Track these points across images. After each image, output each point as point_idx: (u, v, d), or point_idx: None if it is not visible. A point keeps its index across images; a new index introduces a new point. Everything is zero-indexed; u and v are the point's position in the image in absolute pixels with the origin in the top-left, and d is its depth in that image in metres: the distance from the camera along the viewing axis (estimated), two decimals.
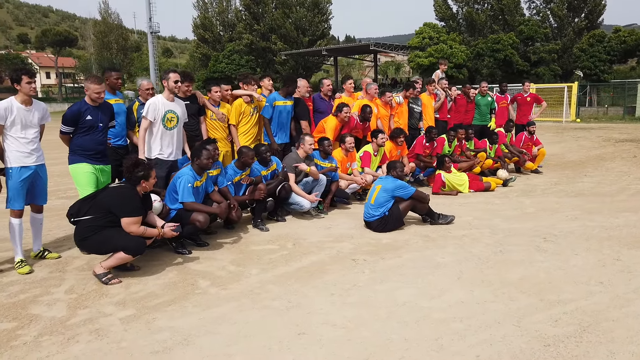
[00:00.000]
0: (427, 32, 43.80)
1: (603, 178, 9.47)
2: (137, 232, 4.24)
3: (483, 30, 44.93)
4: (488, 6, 44.71)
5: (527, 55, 40.98)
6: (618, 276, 4.35)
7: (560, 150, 14.47)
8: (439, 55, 40.71)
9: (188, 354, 3.13)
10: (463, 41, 43.75)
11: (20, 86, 4.58)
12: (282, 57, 48.44)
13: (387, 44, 44.43)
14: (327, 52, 44.43)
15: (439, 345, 3.21)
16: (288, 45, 49.79)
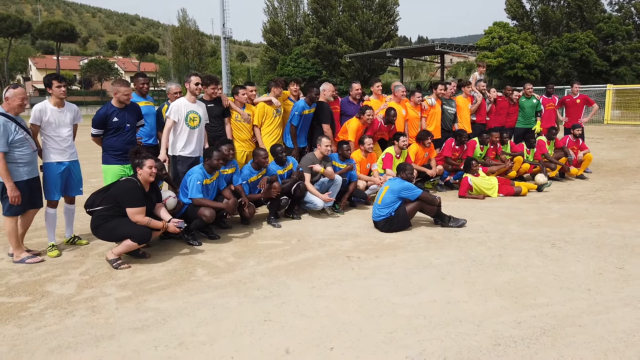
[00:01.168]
0: (497, 31, 42.43)
1: None
2: (142, 222, 4.69)
3: (558, 28, 42.81)
4: (564, 3, 42.47)
5: (606, 54, 38.56)
6: (610, 284, 4.23)
7: (622, 155, 13.68)
8: (508, 56, 39.40)
9: (161, 332, 3.48)
10: (536, 40, 41.93)
11: (51, 90, 5.19)
12: (347, 59, 48.72)
13: (454, 44, 43.42)
14: (391, 54, 44.16)
15: (391, 338, 3.35)
16: (353, 48, 50.04)
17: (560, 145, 9.79)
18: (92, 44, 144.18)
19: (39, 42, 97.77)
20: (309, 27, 53.75)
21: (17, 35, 68.35)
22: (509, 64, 39.81)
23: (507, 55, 39.51)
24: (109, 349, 3.25)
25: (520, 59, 39.39)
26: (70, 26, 72.25)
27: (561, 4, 42.85)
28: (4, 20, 64.59)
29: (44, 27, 70.03)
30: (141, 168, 4.76)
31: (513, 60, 39.67)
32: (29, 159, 4.99)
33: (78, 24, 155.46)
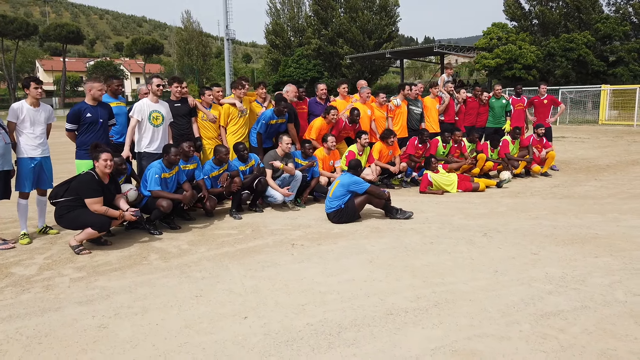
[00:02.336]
0: (496, 32, 42.71)
1: (611, 182, 9.30)
2: (100, 211, 5.16)
3: (556, 29, 42.99)
4: (562, 4, 42.64)
5: (604, 55, 38.73)
6: (518, 267, 4.65)
7: (598, 154, 14.03)
8: (506, 57, 39.67)
9: (102, 305, 3.95)
10: (534, 41, 42.14)
11: (29, 91, 5.70)
12: (348, 60, 49.15)
13: (452, 45, 43.73)
14: (390, 55, 44.53)
15: (302, 309, 3.80)
16: (354, 49, 50.45)
17: (525, 144, 10.18)
18: (100, 46, 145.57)
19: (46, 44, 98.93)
20: (310, 28, 54.22)
21: (24, 37, 69.39)
22: (507, 64, 40.09)
23: (505, 56, 39.80)
24: (52, 318, 3.72)
25: (518, 59, 39.66)
26: (76, 28, 73.22)
27: (559, 5, 43.02)
28: (11, 22, 65.65)
29: (50, 30, 71.06)
30: (97, 161, 5.23)
31: (511, 61, 39.93)
32: (3, 151, 5.49)
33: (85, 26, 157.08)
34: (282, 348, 3.20)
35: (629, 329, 3.37)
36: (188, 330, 3.48)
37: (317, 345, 3.23)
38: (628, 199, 7.74)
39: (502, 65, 40.25)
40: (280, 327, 3.51)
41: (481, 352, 3.10)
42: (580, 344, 3.18)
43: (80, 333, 3.47)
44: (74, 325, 3.59)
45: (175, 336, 3.40)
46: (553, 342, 3.20)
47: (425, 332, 3.38)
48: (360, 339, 3.31)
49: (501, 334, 3.34)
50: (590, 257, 4.91)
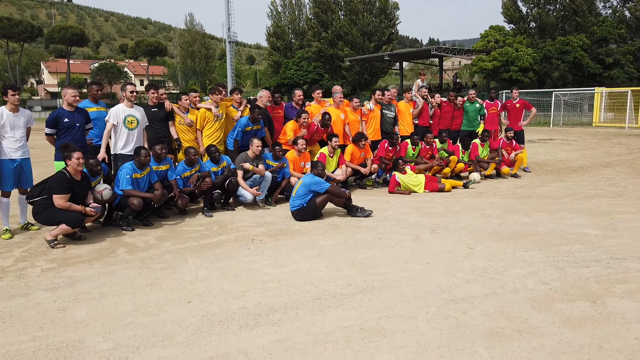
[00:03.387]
0: (493, 35, 43.08)
1: (575, 183, 9.70)
2: (63, 206, 5.61)
3: (554, 32, 43.28)
4: (560, 7, 42.92)
5: (599, 57, 38.97)
6: (450, 260, 5.08)
7: (577, 156, 14.43)
8: (503, 59, 40.00)
9: (65, 292, 4.42)
10: (531, 44, 42.45)
11: (7, 97, 6.18)
12: (347, 63, 49.61)
13: (450, 47, 44.11)
14: (389, 57, 44.95)
15: (241, 294, 4.25)
16: (354, 51, 50.90)
17: (494, 146, 10.59)
18: (105, 48, 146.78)
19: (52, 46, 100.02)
20: (311, 31, 54.73)
21: (29, 39, 70.36)
22: (504, 67, 40.43)
23: (501, 58, 40.15)
24: (19, 302, 4.19)
25: (515, 62, 39.99)
26: (80, 30, 74.08)
27: (557, 8, 43.29)
28: (17, 25, 66.57)
29: (54, 32, 71.96)
30: (70, 160, 5.70)
31: (508, 63, 40.27)
32: None
33: (91, 28, 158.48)
34: (213, 327, 3.65)
35: (524, 312, 3.80)
36: (136, 313, 3.94)
37: (245, 324, 3.68)
38: (583, 199, 8.14)
39: (499, 67, 40.61)
40: (218, 310, 3.96)
41: (385, 329, 3.54)
42: (474, 323, 3.61)
43: (41, 314, 3.94)
44: (36, 308, 4.06)
45: (123, 317, 3.86)
46: (451, 322, 3.64)
47: (344, 314, 3.82)
48: (285, 319, 3.76)
49: (409, 315, 3.77)
50: (520, 251, 5.34)
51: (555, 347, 3.26)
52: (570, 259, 5.04)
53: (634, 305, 3.89)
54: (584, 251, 5.29)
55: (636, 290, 4.20)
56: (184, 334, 3.54)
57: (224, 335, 3.52)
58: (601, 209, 7.37)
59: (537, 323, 3.61)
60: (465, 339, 3.40)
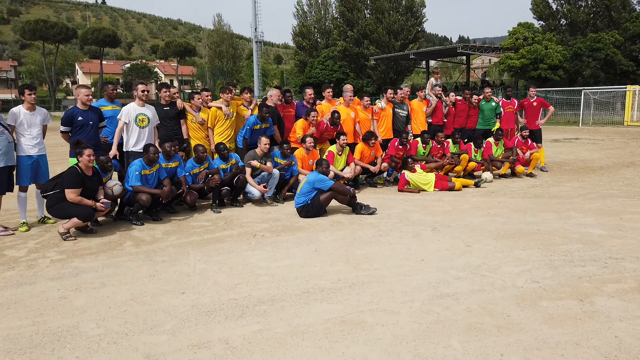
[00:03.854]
0: (521, 32, 42.25)
1: (591, 183, 9.52)
2: (75, 200, 5.87)
3: (585, 28, 42.17)
4: (591, 3, 41.80)
5: (632, 54, 37.81)
6: (445, 257, 5.11)
7: (600, 156, 14.11)
8: (532, 57, 39.20)
9: (69, 281, 4.64)
10: (561, 41, 41.47)
11: (24, 97, 6.49)
12: (372, 62, 49.48)
13: (477, 45, 43.49)
14: (415, 56, 44.61)
15: (234, 286, 4.39)
16: (380, 50, 50.69)
17: (509, 145, 10.47)
18: (137, 49, 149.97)
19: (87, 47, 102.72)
20: (336, 30, 54.75)
21: (63, 41, 72.51)
22: (533, 65, 39.62)
23: (530, 56, 39.34)
24: (25, 290, 4.43)
25: (544, 59, 39.14)
26: (112, 32, 75.96)
27: (588, 4, 42.18)
28: (52, 27, 68.74)
29: (88, 34, 73.98)
30: (81, 156, 5.96)
31: (537, 61, 39.45)
32: (5, 149, 6.29)
33: (124, 29, 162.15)
34: (201, 316, 3.80)
35: (507, 308, 3.82)
36: (131, 302, 4.13)
37: (232, 315, 3.81)
38: (595, 199, 8.00)
39: (527, 65, 39.81)
40: (208, 300, 4.11)
41: (365, 322, 3.62)
42: (455, 319, 3.65)
43: (43, 302, 4.16)
44: (40, 296, 4.29)
45: (119, 306, 4.05)
46: (432, 316, 3.70)
47: (328, 307, 3.92)
48: (270, 311, 3.88)
49: (392, 309, 3.85)
50: (518, 249, 5.32)
51: (531, 343, 3.28)
52: (567, 258, 5.01)
53: (621, 305, 3.87)
54: (583, 250, 5.24)
55: (627, 289, 4.17)
56: (172, 322, 3.70)
57: (209, 324, 3.66)
58: (612, 208, 7.24)
59: (518, 320, 3.63)
60: (443, 333, 3.45)
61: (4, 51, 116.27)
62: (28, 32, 69.30)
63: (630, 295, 4.04)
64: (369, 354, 3.19)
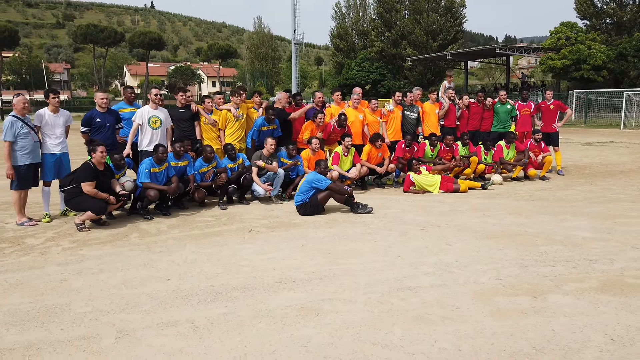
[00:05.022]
0: (564, 31, 41.11)
1: (605, 187, 9.44)
2: (91, 192, 6.44)
3: (632, 28, 40.62)
4: (638, 1, 40.22)
5: None
6: (420, 254, 5.34)
7: (625, 160, 13.81)
8: (574, 57, 38.12)
9: (73, 267, 5.17)
10: (606, 41, 40.09)
11: (49, 100, 7.15)
12: (409, 63, 49.29)
13: (516, 45, 42.61)
14: (452, 57, 44.16)
15: (215, 276, 4.79)
16: (417, 51, 50.45)
17: (522, 148, 10.47)
18: (182, 51, 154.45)
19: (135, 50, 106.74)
20: (373, 31, 54.87)
21: (112, 44, 75.76)
22: (575, 65, 38.52)
23: (572, 56, 38.27)
24: (33, 273, 4.98)
25: (587, 60, 37.98)
26: (158, 35, 78.69)
27: (635, 2, 40.60)
28: (102, 31, 72.01)
29: (135, 37, 76.92)
30: (95, 152, 6.54)
31: (579, 61, 38.32)
32: (32, 148, 6.95)
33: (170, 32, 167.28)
34: (177, 299, 4.22)
35: (459, 302, 4.05)
36: (121, 286, 4.59)
37: (204, 299, 4.21)
38: (599, 203, 7.98)
39: (569, 66, 38.75)
40: (189, 287, 4.53)
41: (322, 309, 3.94)
42: (406, 309, 3.92)
43: (46, 283, 4.69)
44: (45, 279, 4.82)
45: (109, 289, 4.52)
46: (386, 306, 3.97)
47: (294, 295, 4.26)
48: (240, 297, 4.25)
49: (351, 298, 4.15)
50: (495, 249, 5.49)
51: (467, 333, 3.52)
52: (541, 258, 5.15)
53: (572, 302, 4.02)
54: (560, 252, 5.36)
55: (586, 289, 4.30)
56: (150, 304, 4.13)
57: (182, 306, 4.07)
58: (611, 212, 7.23)
59: (465, 312, 3.86)
60: (389, 321, 3.73)
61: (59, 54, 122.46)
62: (80, 36, 72.90)
63: (587, 294, 4.18)
64: (314, 335, 3.51)
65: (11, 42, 68.29)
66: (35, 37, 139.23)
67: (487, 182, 9.38)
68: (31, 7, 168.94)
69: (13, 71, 74.92)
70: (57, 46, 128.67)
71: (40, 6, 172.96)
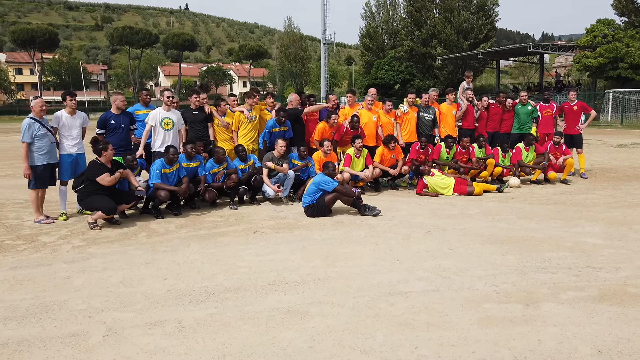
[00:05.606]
0: (600, 29, 39.83)
1: (628, 192, 9.12)
2: (110, 181, 6.66)
3: None
4: None
5: None
6: (421, 259, 5.29)
7: None
8: (611, 55, 36.88)
9: (78, 265, 5.33)
10: None
11: (66, 102, 7.39)
12: (438, 62, 48.67)
13: (550, 44, 41.49)
14: (482, 56, 43.36)
15: (211, 276, 4.87)
16: (448, 50, 49.75)
17: (541, 151, 10.22)
18: (215, 52, 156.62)
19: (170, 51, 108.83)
20: (403, 30, 54.39)
21: (147, 46, 77.49)
22: (612, 64, 37.26)
23: (608, 55, 37.03)
24: (40, 270, 5.16)
25: (624, 58, 36.69)
26: (190, 37, 80.00)
27: None
28: (137, 33, 73.74)
29: (168, 39, 78.51)
30: (106, 151, 6.75)
31: (617, 60, 37.06)
32: (49, 149, 7.20)
33: (204, 33, 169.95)
34: (170, 299, 4.31)
35: (449, 308, 4.00)
36: (120, 284, 4.72)
37: (196, 300, 4.29)
38: (618, 208, 7.72)
39: (606, 64, 37.51)
40: (184, 287, 4.62)
41: (308, 312, 3.96)
42: (393, 314, 3.90)
43: (50, 280, 4.86)
44: (50, 276, 5.00)
45: (108, 287, 4.65)
46: (373, 311, 3.96)
47: (284, 297, 4.29)
48: (231, 298, 4.31)
49: (340, 302, 4.15)
50: (498, 255, 5.39)
51: (450, 340, 3.48)
52: (543, 265, 5.03)
53: (566, 311, 3.92)
54: (566, 259, 5.22)
55: (584, 297, 4.19)
56: (143, 303, 4.23)
57: (173, 306, 4.16)
58: (628, 218, 6.99)
59: (452, 319, 3.82)
60: (373, 326, 3.72)
61: (97, 56, 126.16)
62: (116, 38, 74.80)
63: (582, 303, 4.07)
64: (295, 339, 3.54)
65: (51, 44, 70.63)
66: (75, 39, 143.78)
67: (503, 184, 9.19)
68: (72, 10, 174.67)
69: (53, 72, 77.55)
70: (95, 48, 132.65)
71: (81, 9, 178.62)
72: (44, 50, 69.80)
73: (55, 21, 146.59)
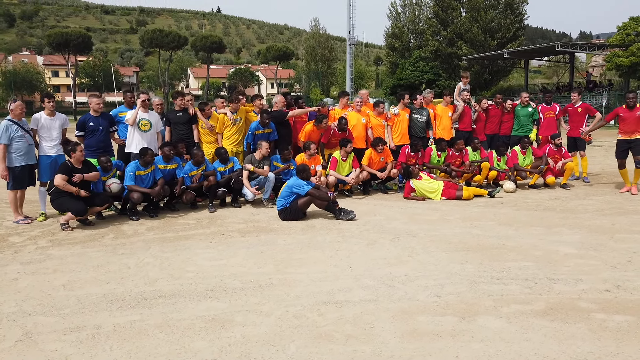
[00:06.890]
0: (633, 27, 38.30)
1: (627, 198, 8.70)
2: (60, 185, 6.61)
3: None
4: None
5: None
6: (375, 266, 5.10)
7: None
8: None
9: (34, 266, 5.36)
10: None
11: (44, 104, 7.49)
12: (464, 62, 47.80)
13: (579, 43, 40.17)
14: (509, 55, 42.35)
15: (154, 281, 4.80)
16: (474, 50, 48.83)
17: (539, 154, 9.81)
18: (245, 54, 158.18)
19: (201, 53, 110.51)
20: (429, 30, 53.67)
21: (176, 48, 78.82)
22: None
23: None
24: None
25: None
26: (218, 39, 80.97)
27: None
28: (166, 35, 75.08)
29: (197, 41, 79.67)
30: (75, 152, 6.78)
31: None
32: (26, 150, 7.31)
33: (234, 35, 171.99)
34: (101, 304, 4.26)
35: (377, 320, 3.81)
36: (61, 287, 4.70)
37: (126, 305, 4.22)
38: (609, 215, 7.31)
39: (638, 64, 36.04)
40: (122, 291, 4.56)
41: (232, 321, 3.84)
42: (316, 325, 3.74)
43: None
44: (0, 277, 5.03)
45: (48, 290, 4.64)
46: (299, 321, 3.81)
47: (215, 305, 4.18)
48: (161, 304, 4.23)
49: (268, 311, 4.01)
50: (456, 263, 5.15)
51: (364, 354, 3.30)
52: (499, 275, 4.77)
53: (501, 326, 3.69)
54: (527, 269, 4.95)
55: (528, 311, 3.93)
56: (72, 308, 4.20)
57: (100, 312, 4.10)
58: (615, 226, 6.61)
59: (376, 331, 3.64)
60: (290, 337, 3.57)
61: (131, 58, 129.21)
62: (147, 40, 76.36)
63: (522, 318, 3.82)
64: (203, 349, 3.42)
65: (85, 47, 72.66)
66: (111, 42, 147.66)
67: (494, 189, 8.85)
68: (108, 14, 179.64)
69: (86, 74, 79.76)
70: (129, 50, 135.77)
71: (116, 13, 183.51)
72: (78, 53, 71.86)
73: (92, 25, 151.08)
